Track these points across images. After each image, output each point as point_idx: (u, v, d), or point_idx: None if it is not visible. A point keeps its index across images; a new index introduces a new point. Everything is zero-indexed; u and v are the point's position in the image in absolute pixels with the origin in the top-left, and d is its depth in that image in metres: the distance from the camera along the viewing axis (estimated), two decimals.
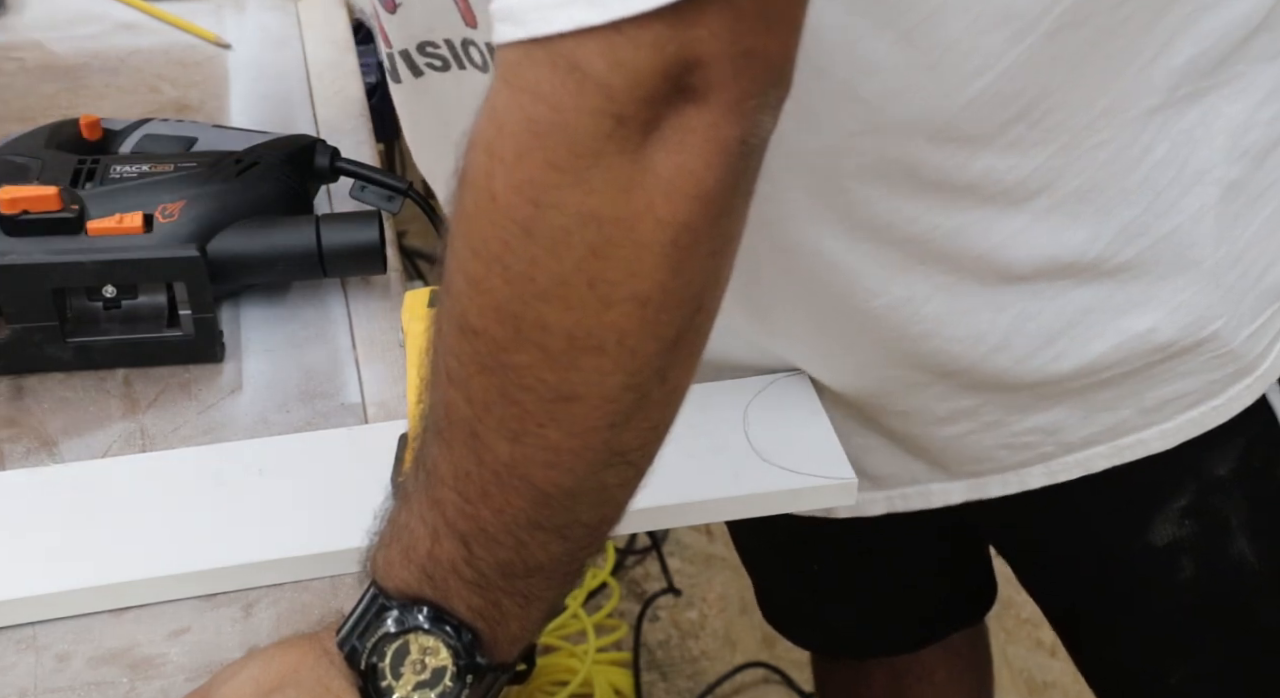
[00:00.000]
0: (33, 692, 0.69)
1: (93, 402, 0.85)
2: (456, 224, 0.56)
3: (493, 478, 0.59)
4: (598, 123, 0.52)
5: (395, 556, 0.62)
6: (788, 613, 1.22)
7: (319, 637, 0.65)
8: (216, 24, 1.23)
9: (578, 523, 0.61)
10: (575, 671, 1.72)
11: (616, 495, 0.62)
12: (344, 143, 1.08)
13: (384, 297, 0.93)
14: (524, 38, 0.52)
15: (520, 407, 0.57)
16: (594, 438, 0.58)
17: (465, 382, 0.58)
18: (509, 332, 0.56)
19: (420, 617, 0.62)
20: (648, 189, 0.53)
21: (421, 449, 0.62)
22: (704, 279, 0.57)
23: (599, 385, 0.56)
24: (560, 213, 0.53)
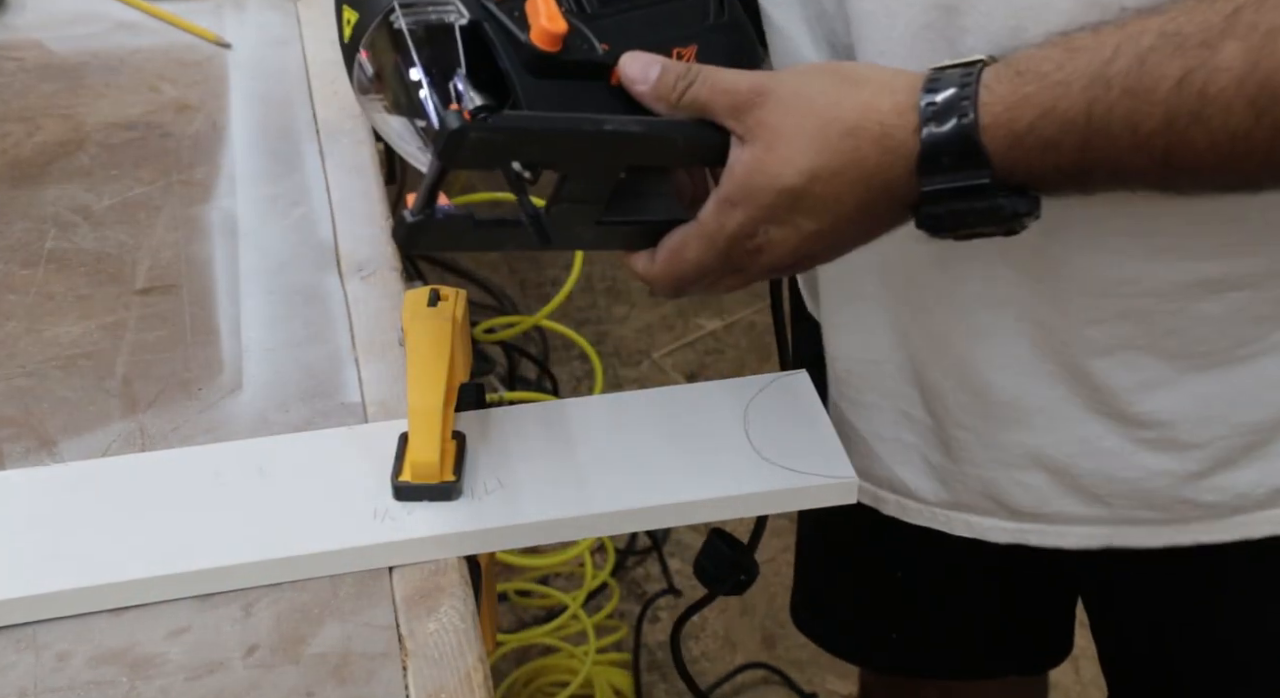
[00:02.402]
0: (32, 691, 0.69)
1: (92, 401, 0.85)
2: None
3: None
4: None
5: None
6: (839, 623, 1.19)
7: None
8: (216, 23, 1.23)
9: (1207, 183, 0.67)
10: (575, 671, 1.72)
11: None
12: (343, 142, 1.08)
13: (384, 296, 0.93)
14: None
15: None
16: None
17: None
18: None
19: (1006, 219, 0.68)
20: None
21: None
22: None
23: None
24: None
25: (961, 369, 0.87)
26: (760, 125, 0.69)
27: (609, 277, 2.53)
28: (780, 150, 0.68)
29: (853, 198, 0.69)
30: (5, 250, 0.97)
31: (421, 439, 0.76)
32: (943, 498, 0.94)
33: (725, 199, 0.70)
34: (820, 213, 0.70)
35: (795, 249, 0.72)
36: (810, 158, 0.68)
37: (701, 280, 0.75)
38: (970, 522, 0.94)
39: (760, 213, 0.70)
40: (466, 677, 0.69)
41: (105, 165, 1.06)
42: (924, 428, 0.92)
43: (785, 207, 0.69)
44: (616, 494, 0.78)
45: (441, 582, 0.74)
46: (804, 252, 0.72)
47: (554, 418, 0.84)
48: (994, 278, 0.81)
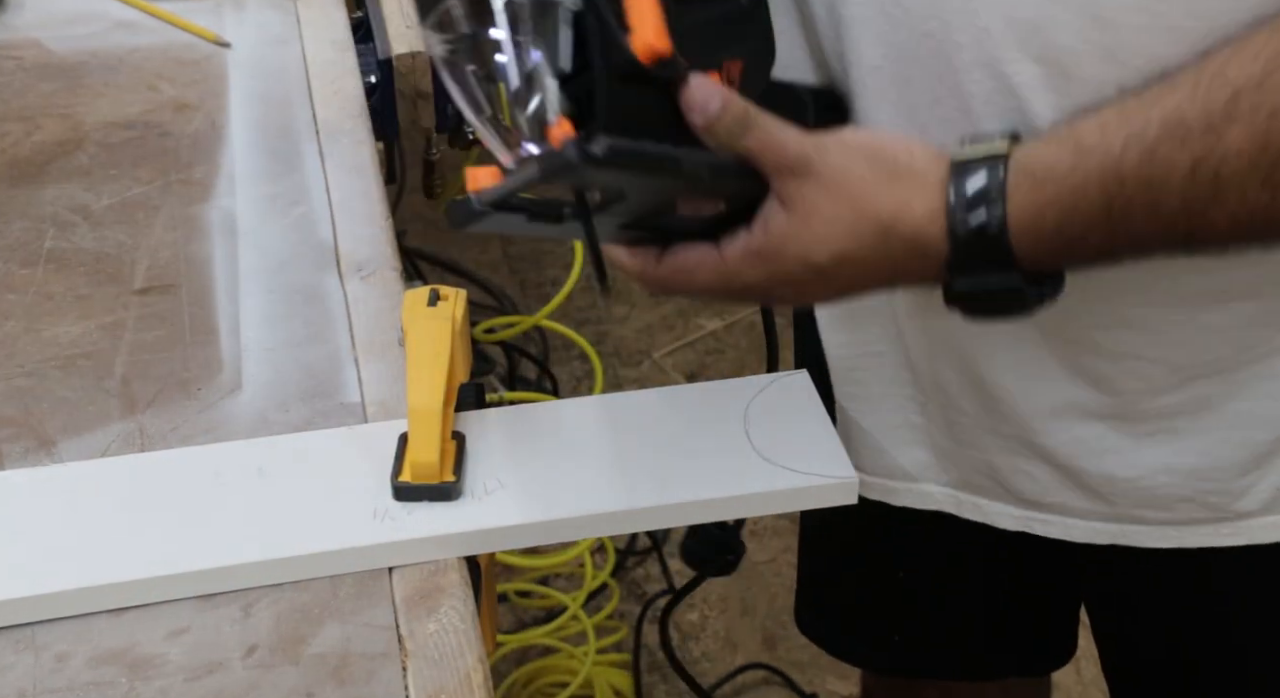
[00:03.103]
0: (31, 692, 0.68)
1: (91, 401, 0.85)
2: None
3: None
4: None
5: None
6: (842, 625, 1.18)
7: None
8: (215, 23, 1.23)
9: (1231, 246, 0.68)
10: (575, 672, 1.72)
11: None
12: (343, 142, 1.08)
13: (384, 296, 0.93)
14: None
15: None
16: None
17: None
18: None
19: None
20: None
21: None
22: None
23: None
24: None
25: (962, 365, 0.87)
26: (800, 198, 0.70)
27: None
28: (816, 229, 0.70)
29: (876, 283, 0.73)
30: (4, 250, 0.97)
31: (421, 439, 0.76)
32: (953, 478, 0.94)
33: (755, 252, 0.71)
34: (840, 287, 0.73)
35: (798, 300, 0.78)
36: (842, 244, 0.70)
37: (695, 297, 0.77)
38: (980, 505, 0.94)
39: (782, 275, 0.72)
40: (466, 677, 0.69)
41: (104, 165, 1.06)
42: (929, 412, 0.92)
43: (808, 278, 0.71)
44: (616, 494, 0.78)
45: (441, 582, 0.74)
46: (807, 300, 0.78)
47: (554, 418, 0.84)
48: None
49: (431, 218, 2.52)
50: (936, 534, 0.96)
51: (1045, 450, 0.88)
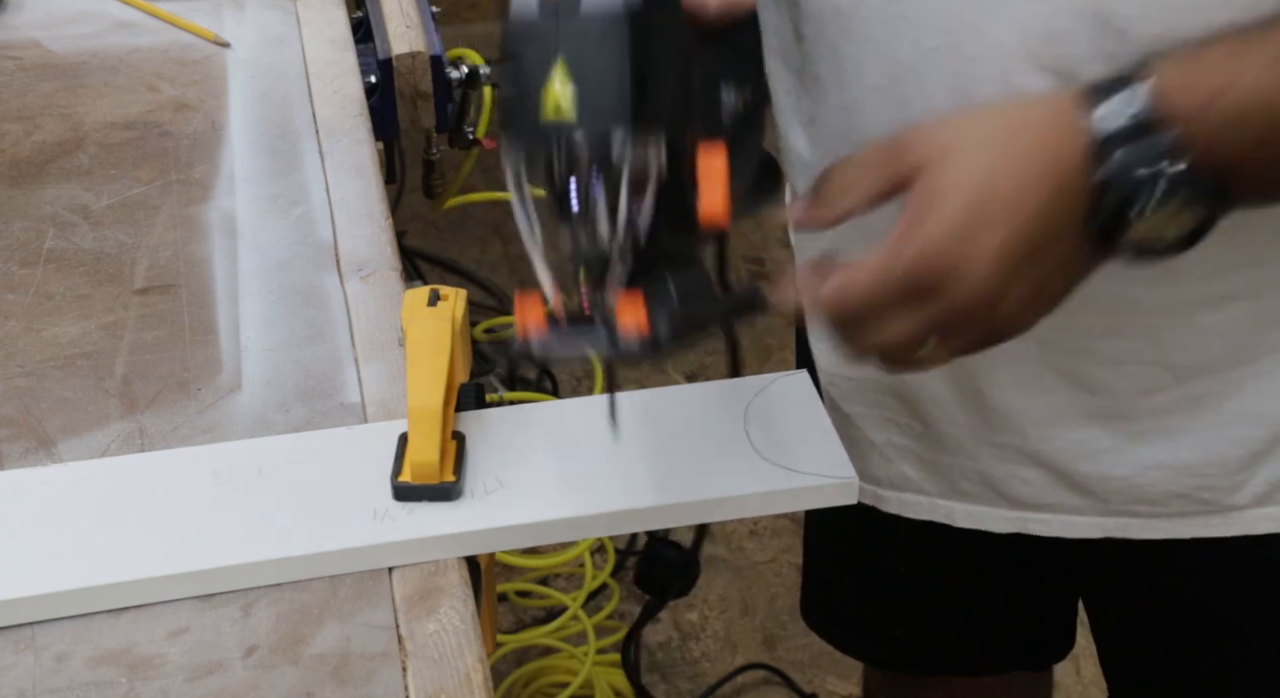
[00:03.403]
0: (31, 692, 0.68)
1: (91, 401, 0.85)
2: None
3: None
4: None
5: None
6: (844, 620, 1.19)
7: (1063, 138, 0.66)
8: (215, 23, 1.23)
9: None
10: (575, 672, 1.72)
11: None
12: (343, 142, 1.08)
13: (384, 296, 0.93)
14: None
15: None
16: None
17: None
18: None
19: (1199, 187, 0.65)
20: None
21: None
22: None
23: None
24: None
25: (957, 379, 0.87)
26: (925, 178, 0.67)
27: None
28: (949, 176, 0.66)
29: (1037, 197, 0.66)
30: (4, 250, 0.97)
31: (421, 439, 0.76)
32: (942, 488, 0.94)
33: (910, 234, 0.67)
34: (1009, 211, 0.66)
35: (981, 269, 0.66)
36: (984, 162, 0.66)
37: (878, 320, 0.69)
38: (971, 512, 0.94)
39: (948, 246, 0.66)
40: (466, 677, 0.69)
41: (104, 165, 1.06)
42: (914, 433, 0.93)
43: (975, 221, 0.66)
44: (616, 494, 0.78)
45: (441, 582, 0.74)
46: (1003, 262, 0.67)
47: (554, 418, 0.84)
48: None
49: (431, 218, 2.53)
50: (935, 531, 0.96)
51: (1040, 456, 0.88)
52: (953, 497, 0.94)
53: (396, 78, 1.19)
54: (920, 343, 0.67)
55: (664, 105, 0.64)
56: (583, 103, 0.61)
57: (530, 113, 0.62)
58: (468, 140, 1.31)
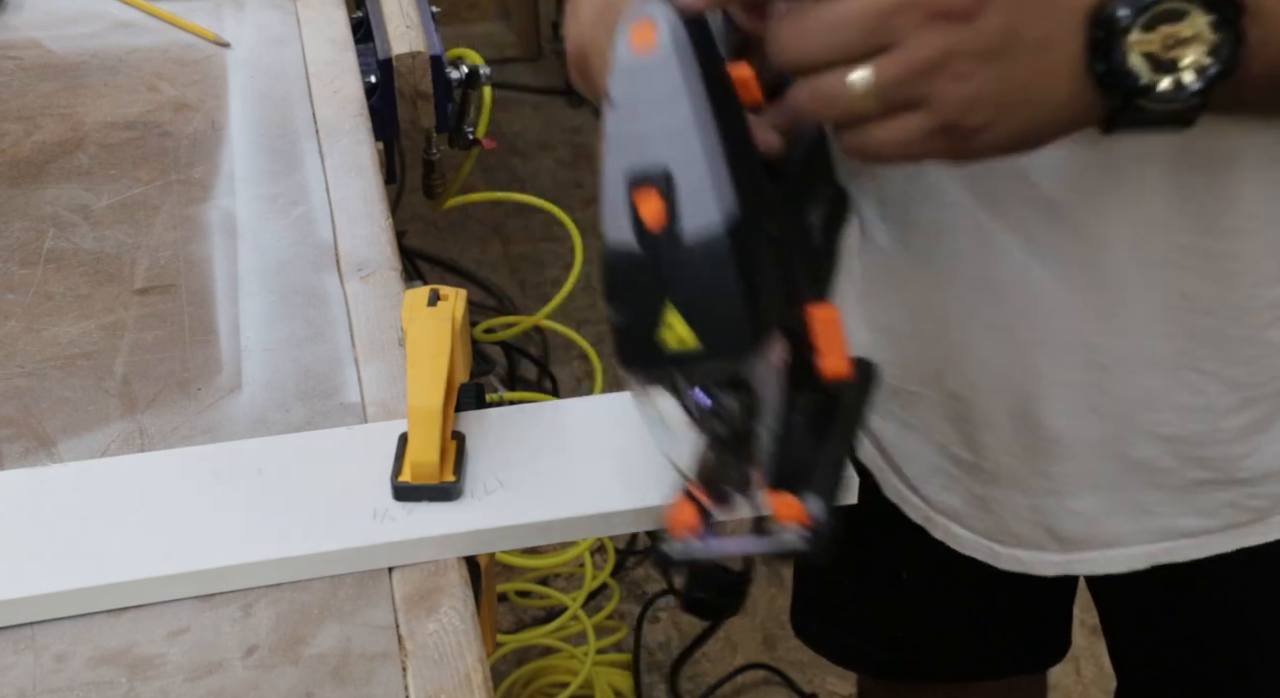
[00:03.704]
0: (31, 692, 0.68)
1: (91, 401, 0.85)
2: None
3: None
4: None
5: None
6: (842, 624, 1.18)
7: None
8: (215, 23, 1.23)
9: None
10: (576, 672, 1.72)
11: None
12: (343, 142, 1.08)
13: (384, 296, 0.93)
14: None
15: None
16: None
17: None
18: None
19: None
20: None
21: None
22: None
23: None
24: None
25: (1012, 407, 0.86)
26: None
27: None
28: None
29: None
30: (4, 250, 0.97)
31: (421, 439, 0.76)
32: (989, 527, 0.93)
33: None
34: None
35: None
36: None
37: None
38: (1018, 556, 0.93)
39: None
40: (466, 678, 0.69)
41: (104, 165, 1.06)
42: (965, 465, 0.91)
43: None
44: (616, 494, 0.78)
45: (441, 582, 0.74)
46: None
47: (554, 418, 0.83)
48: (1051, 319, 0.81)
49: (431, 218, 2.53)
50: (931, 538, 0.96)
51: (1093, 481, 0.87)
52: (1000, 538, 0.93)
53: (396, 78, 1.19)
54: (876, 29, 0.57)
55: (777, 304, 0.63)
56: (704, 333, 0.60)
57: (648, 344, 0.61)
58: (468, 140, 1.31)
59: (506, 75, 3.08)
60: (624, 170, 0.59)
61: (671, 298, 0.60)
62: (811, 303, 0.67)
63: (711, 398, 0.62)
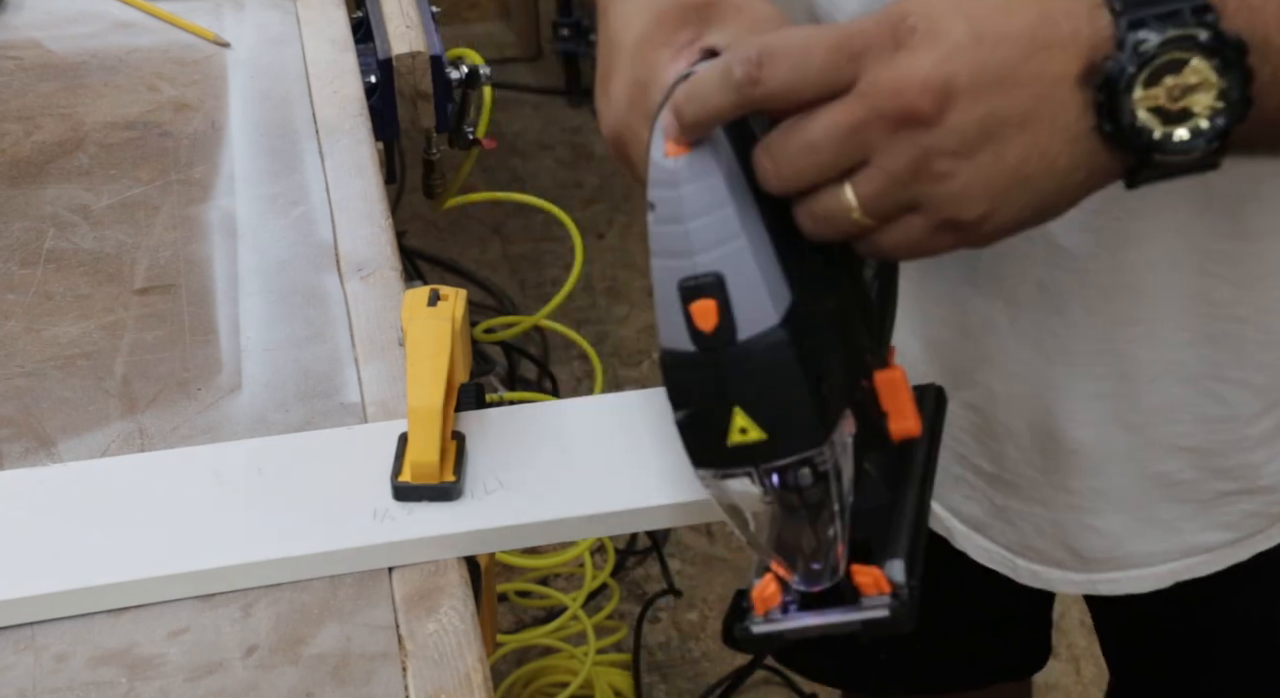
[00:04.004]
0: (31, 692, 0.68)
1: (91, 401, 0.85)
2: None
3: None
4: None
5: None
6: (815, 646, 1.17)
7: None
8: (215, 23, 1.23)
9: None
10: (575, 672, 1.72)
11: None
12: (343, 142, 1.08)
13: (384, 296, 0.93)
14: None
15: None
16: None
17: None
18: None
19: (1220, 29, 0.55)
20: None
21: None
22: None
23: None
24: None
25: (1032, 418, 0.85)
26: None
27: (609, 276, 2.53)
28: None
29: (1027, 28, 0.57)
30: (4, 250, 0.97)
31: (421, 439, 0.76)
32: (1011, 541, 0.92)
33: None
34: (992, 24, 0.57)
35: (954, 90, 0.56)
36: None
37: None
38: (1038, 572, 0.92)
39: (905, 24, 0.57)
40: (466, 678, 0.69)
41: (104, 165, 1.06)
42: (985, 475, 0.91)
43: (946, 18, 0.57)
44: (616, 494, 0.78)
45: (441, 582, 0.74)
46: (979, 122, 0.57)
47: (554, 418, 0.83)
48: (1071, 322, 0.81)
49: (431, 218, 2.53)
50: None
51: (1116, 496, 0.86)
52: (1022, 552, 0.92)
53: (396, 78, 1.19)
54: (845, 147, 0.57)
55: (844, 386, 0.63)
56: (774, 430, 0.60)
57: (718, 444, 0.61)
58: (468, 140, 1.30)
59: (506, 75, 3.08)
60: (675, 279, 0.59)
61: (737, 400, 0.59)
62: (877, 370, 0.66)
63: (784, 476, 0.61)
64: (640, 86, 0.65)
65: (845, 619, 0.64)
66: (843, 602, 0.65)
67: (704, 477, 0.63)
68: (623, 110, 0.66)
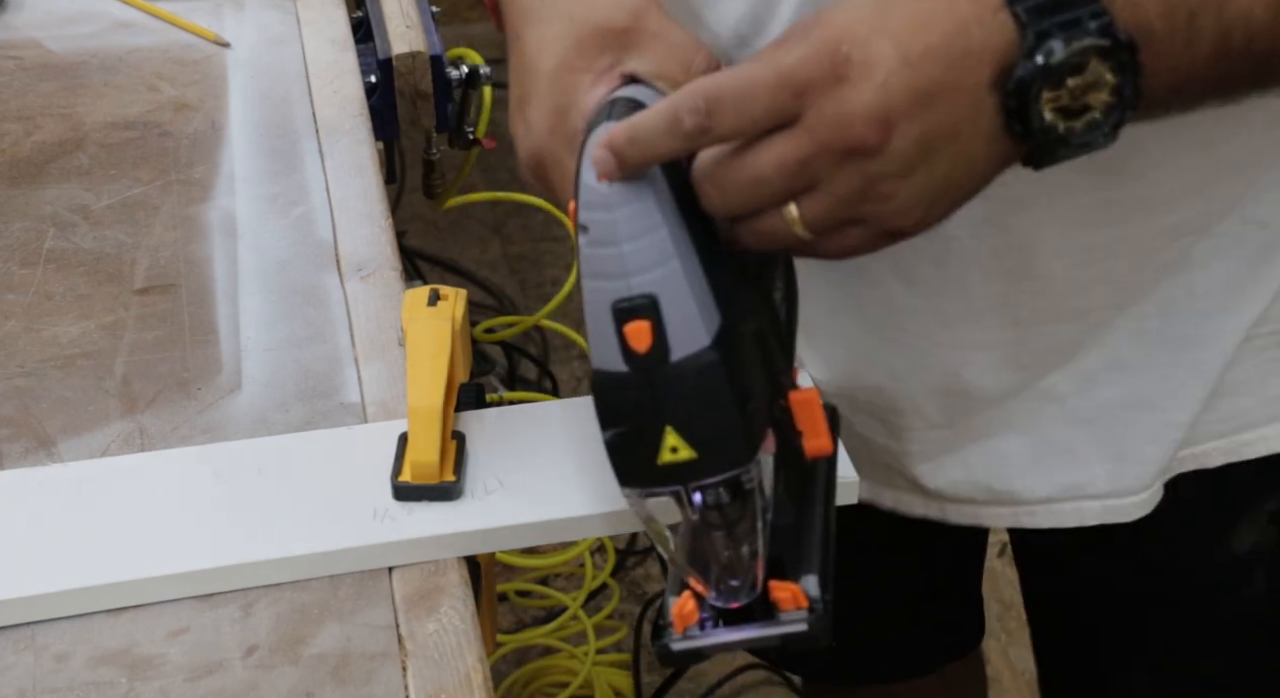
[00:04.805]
0: (31, 692, 0.68)
1: (91, 401, 0.85)
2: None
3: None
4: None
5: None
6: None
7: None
8: (215, 22, 1.23)
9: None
10: (576, 672, 1.72)
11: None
12: (343, 142, 1.08)
13: (384, 296, 0.93)
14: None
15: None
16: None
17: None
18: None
19: (1115, 34, 0.58)
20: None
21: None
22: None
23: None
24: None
25: (937, 383, 0.88)
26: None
27: None
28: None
29: (942, 32, 0.59)
30: (4, 250, 0.97)
31: (421, 439, 0.76)
32: (932, 490, 0.94)
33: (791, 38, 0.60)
34: (907, 43, 0.58)
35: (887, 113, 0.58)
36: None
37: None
38: (963, 509, 0.94)
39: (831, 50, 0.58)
40: (466, 677, 0.69)
41: (104, 165, 1.06)
42: (893, 453, 0.93)
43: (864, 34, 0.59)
44: (616, 494, 0.77)
45: (441, 582, 0.74)
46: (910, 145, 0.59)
47: (554, 418, 0.83)
48: (968, 287, 0.83)
49: (431, 218, 2.53)
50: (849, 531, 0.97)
51: (1019, 423, 0.89)
52: (948, 498, 0.94)
53: (396, 78, 1.19)
54: (793, 179, 0.59)
55: (767, 404, 0.64)
56: (703, 448, 0.61)
57: (647, 462, 0.62)
58: (468, 140, 1.30)
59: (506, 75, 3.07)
60: (609, 300, 0.60)
61: (669, 420, 0.60)
62: (791, 390, 0.68)
63: (705, 494, 0.63)
64: (560, 112, 0.67)
65: (764, 634, 0.65)
66: (759, 618, 0.65)
67: (629, 495, 0.64)
68: (543, 135, 0.68)
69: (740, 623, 0.66)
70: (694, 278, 0.60)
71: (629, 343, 0.60)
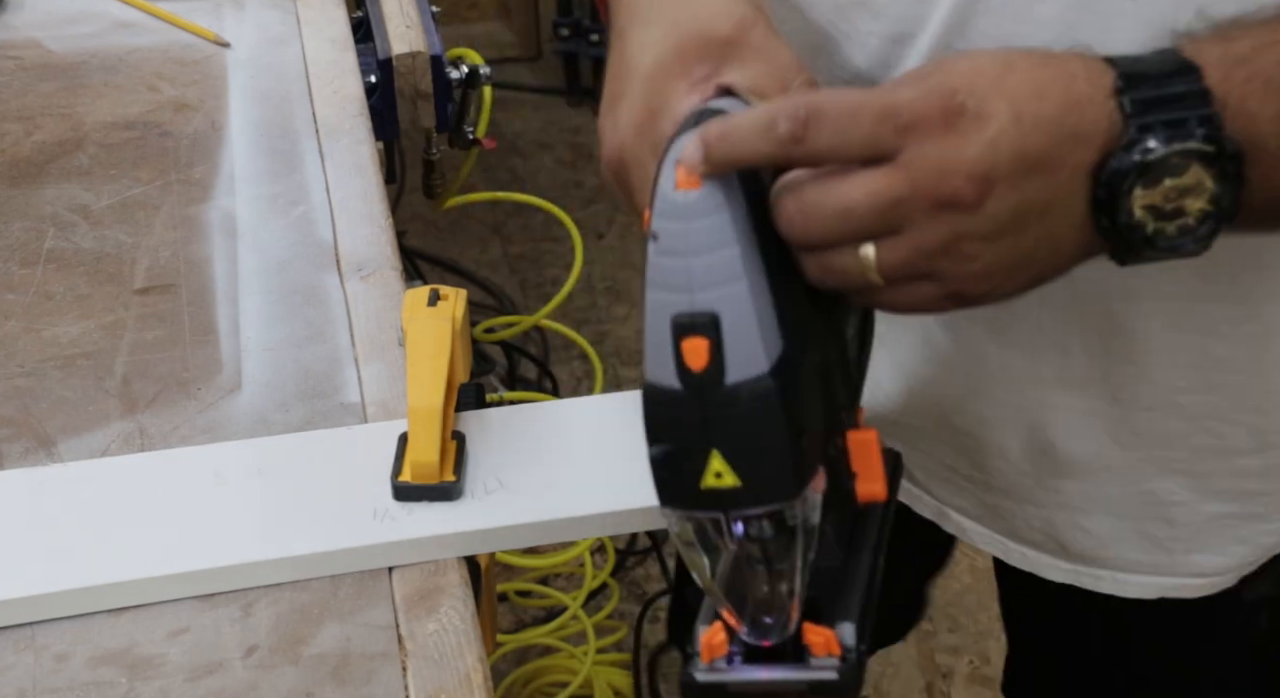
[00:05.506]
0: (31, 692, 0.68)
1: (91, 401, 0.85)
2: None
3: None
4: None
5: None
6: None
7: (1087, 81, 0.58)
8: (215, 22, 1.23)
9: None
10: (575, 672, 1.72)
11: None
12: (343, 142, 1.08)
13: (384, 296, 0.93)
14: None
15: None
16: None
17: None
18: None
19: (1221, 141, 0.57)
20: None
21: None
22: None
23: None
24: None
25: (1024, 436, 0.86)
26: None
27: (609, 277, 2.53)
28: (968, 57, 0.61)
29: (1053, 104, 0.58)
30: (4, 250, 0.97)
31: (421, 439, 0.76)
32: (1000, 529, 0.93)
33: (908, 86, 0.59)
34: (1019, 106, 0.58)
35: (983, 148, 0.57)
36: (1004, 56, 0.60)
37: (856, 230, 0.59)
38: (1026, 554, 0.92)
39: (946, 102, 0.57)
40: (466, 677, 0.69)
41: (104, 165, 1.06)
42: (976, 482, 0.91)
43: (984, 90, 0.58)
44: (616, 494, 0.78)
45: (441, 582, 0.74)
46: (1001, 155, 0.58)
47: (554, 418, 0.84)
48: (1069, 353, 0.81)
49: (431, 218, 2.53)
50: None
51: (1108, 503, 0.87)
52: (1011, 537, 0.92)
53: (396, 78, 1.19)
54: (882, 218, 0.58)
55: (821, 441, 0.62)
56: (750, 478, 0.59)
57: (690, 484, 0.60)
58: (468, 140, 1.30)
59: (506, 75, 3.07)
60: (670, 313, 0.59)
61: (716, 443, 0.59)
62: (851, 430, 0.66)
63: (748, 525, 0.61)
64: (651, 114, 0.65)
65: (792, 678, 0.64)
66: (790, 659, 0.64)
67: (668, 515, 0.62)
68: (629, 135, 0.66)
69: (769, 662, 0.64)
70: (760, 301, 0.58)
71: (685, 359, 0.58)
